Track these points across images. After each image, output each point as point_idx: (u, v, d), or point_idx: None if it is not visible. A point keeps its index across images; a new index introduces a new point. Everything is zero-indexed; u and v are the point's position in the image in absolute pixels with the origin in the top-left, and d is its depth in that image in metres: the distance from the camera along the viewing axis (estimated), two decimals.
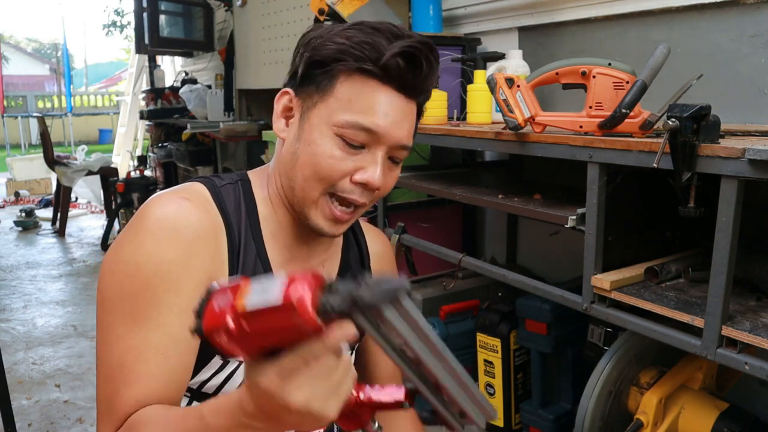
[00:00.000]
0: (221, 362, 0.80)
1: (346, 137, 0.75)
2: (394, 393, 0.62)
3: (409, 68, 0.75)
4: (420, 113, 0.83)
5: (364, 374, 1.04)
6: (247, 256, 0.81)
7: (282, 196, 0.83)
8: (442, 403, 0.58)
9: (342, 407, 0.53)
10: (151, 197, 0.78)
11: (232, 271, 0.79)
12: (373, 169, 0.76)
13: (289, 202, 0.82)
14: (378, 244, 1.02)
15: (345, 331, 0.47)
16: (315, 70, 0.77)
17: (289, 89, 0.81)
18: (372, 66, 0.74)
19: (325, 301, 0.45)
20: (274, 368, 0.49)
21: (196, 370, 0.78)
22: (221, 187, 0.82)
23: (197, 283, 0.73)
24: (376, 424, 0.64)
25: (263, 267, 0.82)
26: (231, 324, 0.47)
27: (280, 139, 0.83)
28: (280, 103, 0.81)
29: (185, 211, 0.75)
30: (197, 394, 0.82)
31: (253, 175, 0.87)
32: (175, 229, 0.73)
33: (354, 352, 0.96)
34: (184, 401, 0.83)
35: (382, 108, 0.75)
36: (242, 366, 0.79)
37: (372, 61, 0.73)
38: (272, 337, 0.47)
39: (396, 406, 0.62)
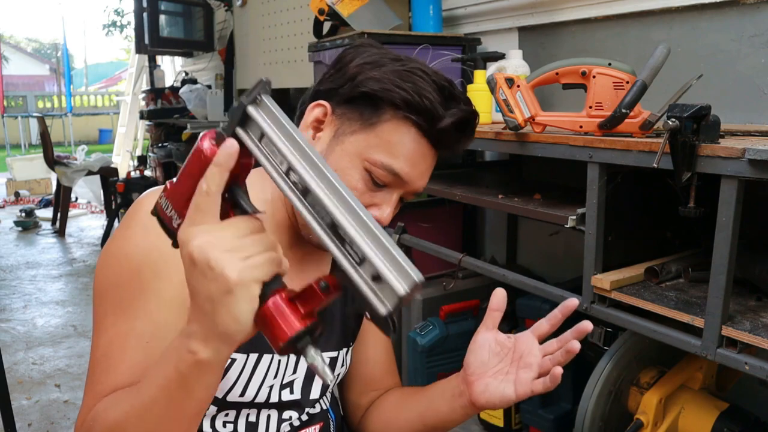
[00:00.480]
0: None
1: (375, 175, 0.76)
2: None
3: (457, 134, 0.77)
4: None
5: (360, 374, 1.04)
6: None
7: (285, 201, 0.82)
8: (347, 254, 0.45)
9: (264, 307, 0.49)
10: (144, 193, 0.78)
11: None
12: (386, 208, 0.78)
13: (291, 209, 0.82)
14: None
15: (227, 146, 0.51)
16: (365, 100, 0.76)
17: (325, 103, 0.79)
18: (428, 126, 0.75)
19: (219, 130, 0.52)
20: (188, 217, 0.52)
21: None
22: None
23: None
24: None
25: None
26: (168, 185, 0.56)
27: None
28: (311, 114, 0.79)
29: None
30: None
31: (254, 174, 0.87)
32: None
33: (349, 352, 0.96)
34: None
35: (414, 158, 0.77)
36: (237, 362, 0.79)
37: (428, 121, 0.74)
38: (190, 181, 0.53)
39: (316, 287, 0.50)
